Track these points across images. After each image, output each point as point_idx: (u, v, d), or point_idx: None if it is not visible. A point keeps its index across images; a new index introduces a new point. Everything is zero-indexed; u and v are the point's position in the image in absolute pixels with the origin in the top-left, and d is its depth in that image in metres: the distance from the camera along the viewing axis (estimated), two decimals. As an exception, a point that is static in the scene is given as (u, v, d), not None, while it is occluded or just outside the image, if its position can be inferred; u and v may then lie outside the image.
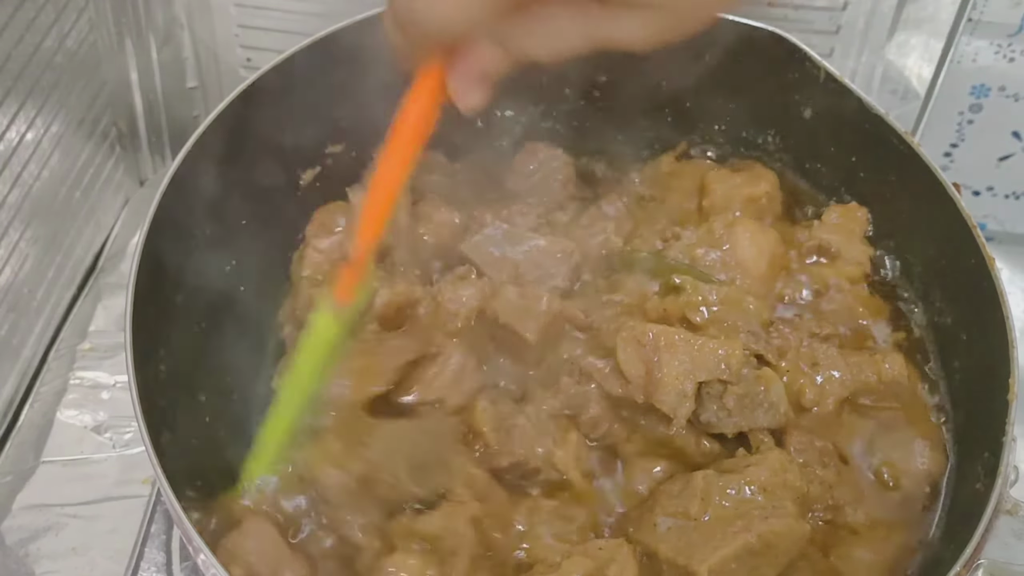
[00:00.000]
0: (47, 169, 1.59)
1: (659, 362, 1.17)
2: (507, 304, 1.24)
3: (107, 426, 1.51)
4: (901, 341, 1.36)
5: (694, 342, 1.17)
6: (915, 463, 1.22)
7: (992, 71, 1.70)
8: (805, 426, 1.23)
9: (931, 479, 1.22)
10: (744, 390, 1.17)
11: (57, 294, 1.67)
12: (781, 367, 1.24)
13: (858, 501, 1.19)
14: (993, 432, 1.13)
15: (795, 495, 1.12)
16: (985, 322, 1.22)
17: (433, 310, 1.26)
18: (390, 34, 0.92)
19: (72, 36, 1.62)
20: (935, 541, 1.17)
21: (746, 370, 1.18)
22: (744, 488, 1.11)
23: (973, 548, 1.04)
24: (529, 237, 1.35)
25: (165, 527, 1.38)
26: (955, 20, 1.63)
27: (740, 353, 1.17)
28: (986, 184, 1.86)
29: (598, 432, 1.23)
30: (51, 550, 1.38)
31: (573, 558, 1.07)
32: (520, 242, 1.35)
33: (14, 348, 1.56)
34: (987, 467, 1.12)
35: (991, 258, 1.23)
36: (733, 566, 1.05)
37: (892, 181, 1.42)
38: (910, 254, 1.41)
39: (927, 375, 1.32)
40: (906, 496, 1.21)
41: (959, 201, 1.29)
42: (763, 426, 1.20)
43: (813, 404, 1.24)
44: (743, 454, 1.18)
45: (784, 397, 1.20)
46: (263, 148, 1.38)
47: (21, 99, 1.51)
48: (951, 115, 1.77)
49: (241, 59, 1.84)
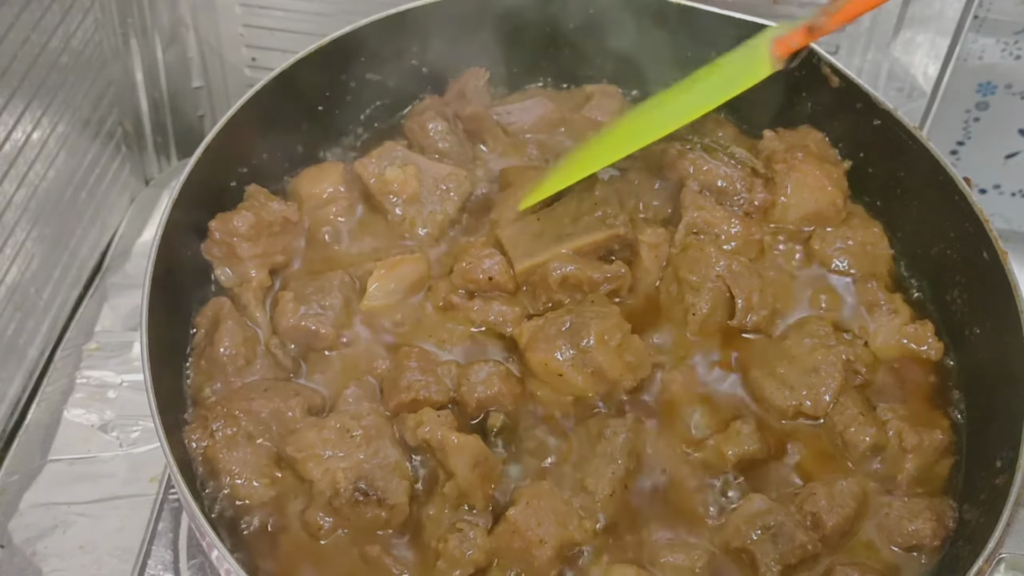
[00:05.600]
0: (53, 169, 1.59)
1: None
2: None
3: (114, 425, 1.51)
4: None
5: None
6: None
7: (999, 68, 1.70)
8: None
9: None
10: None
11: (63, 293, 1.66)
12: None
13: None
14: (1012, 427, 1.13)
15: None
16: (1000, 316, 1.21)
17: None
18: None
19: (78, 36, 1.62)
20: (956, 536, 1.17)
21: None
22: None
23: (995, 543, 1.04)
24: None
25: (172, 525, 1.38)
26: (961, 17, 1.63)
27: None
28: (993, 182, 1.86)
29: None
30: (59, 548, 1.38)
31: None
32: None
33: (21, 347, 1.56)
34: (1007, 462, 1.12)
35: (1004, 252, 1.23)
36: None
37: (901, 177, 1.41)
38: (920, 249, 1.41)
39: (943, 369, 1.32)
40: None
41: (970, 195, 1.29)
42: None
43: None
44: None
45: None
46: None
47: (27, 99, 1.51)
48: (958, 113, 1.77)
49: (246, 59, 1.84)
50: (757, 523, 1.14)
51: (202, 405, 1.21)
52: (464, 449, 1.13)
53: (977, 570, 1.03)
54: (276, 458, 1.18)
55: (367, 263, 1.34)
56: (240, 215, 1.30)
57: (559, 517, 1.11)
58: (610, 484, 1.16)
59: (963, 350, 1.32)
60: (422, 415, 1.16)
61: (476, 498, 1.15)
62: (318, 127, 1.48)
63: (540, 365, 1.23)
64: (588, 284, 1.29)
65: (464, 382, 1.22)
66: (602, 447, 1.18)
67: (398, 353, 1.26)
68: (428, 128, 1.45)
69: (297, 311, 1.27)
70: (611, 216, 1.31)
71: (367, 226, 1.40)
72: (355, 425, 1.16)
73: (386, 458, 1.15)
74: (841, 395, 1.24)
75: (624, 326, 1.24)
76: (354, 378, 1.25)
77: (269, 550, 1.14)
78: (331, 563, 1.13)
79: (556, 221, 1.33)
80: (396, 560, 1.13)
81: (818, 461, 1.22)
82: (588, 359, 1.22)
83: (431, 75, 1.53)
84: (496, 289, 1.31)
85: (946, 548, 1.16)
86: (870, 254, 1.38)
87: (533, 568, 1.10)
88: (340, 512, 1.13)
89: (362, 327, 1.30)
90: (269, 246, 1.33)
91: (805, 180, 1.39)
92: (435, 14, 1.46)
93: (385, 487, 1.13)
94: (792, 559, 1.12)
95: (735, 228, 1.35)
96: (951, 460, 1.24)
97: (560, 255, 1.29)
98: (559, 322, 1.24)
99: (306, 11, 1.75)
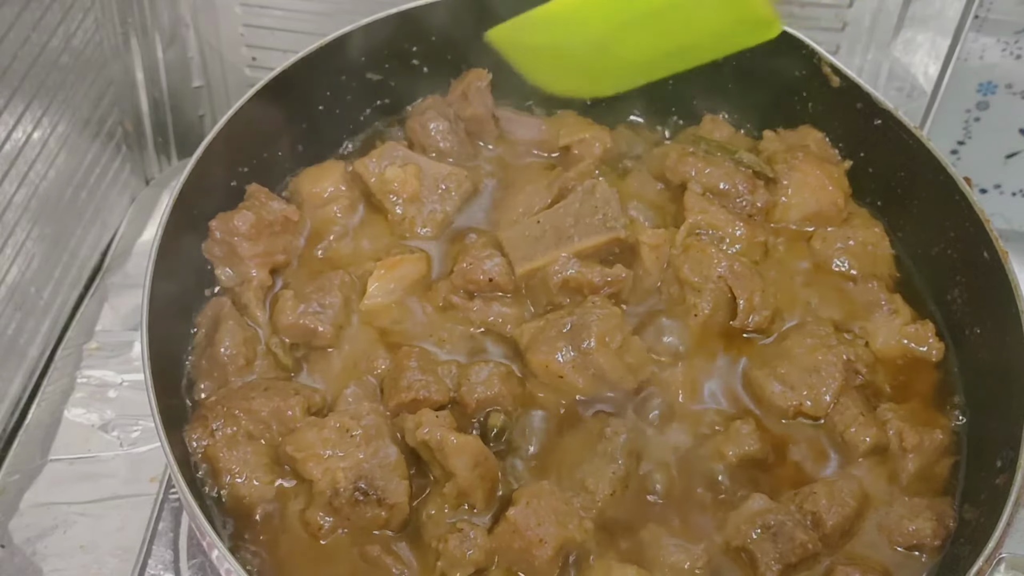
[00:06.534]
0: (53, 168, 1.59)
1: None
2: None
3: (114, 424, 1.51)
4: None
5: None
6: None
7: (999, 68, 1.70)
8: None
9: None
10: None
11: (64, 293, 1.67)
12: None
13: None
14: (1012, 427, 1.13)
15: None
16: (1000, 316, 1.21)
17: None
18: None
19: (78, 36, 1.62)
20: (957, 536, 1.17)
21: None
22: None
23: (995, 543, 1.04)
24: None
25: (173, 525, 1.38)
26: (962, 17, 1.63)
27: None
28: (993, 182, 1.85)
29: None
30: (59, 548, 1.38)
31: None
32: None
33: (21, 347, 1.56)
34: (1007, 462, 1.12)
35: (1004, 252, 1.23)
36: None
37: (901, 177, 1.41)
38: (921, 249, 1.41)
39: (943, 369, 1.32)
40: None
41: (970, 195, 1.29)
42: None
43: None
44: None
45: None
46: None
47: (27, 99, 1.51)
48: (958, 112, 1.77)
49: (246, 58, 1.84)
50: (757, 522, 1.14)
51: (202, 405, 1.21)
52: (464, 449, 1.13)
53: (977, 570, 1.03)
54: (276, 457, 1.18)
55: (367, 263, 1.34)
56: (241, 215, 1.30)
57: (559, 517, 1.11)
58: (610, 484, 1.16)
59: (963, 350, 1.31)
60: (421, 416, 1.15)
61: (476, 498, 1.15)
62: (318, 127, 1.48)
63: (541, 367, 1.23)
64: (588, 287, 1.29)
65: (464, 382, 1.22)
66: (602, 447, 1.18)
67: (398, 353, 1.26)
68: (429, 128, 1.45)
69: (296, 309, 1.27)
70: (612, 219, 1.31)
71: (368, 226, 1.40)
72: (355, 425, 1.16)
73: (386, 458, 1.15)
74: (842, 395, 1.24)
75: (625, 327, 1.24)
76: (354, 378, 1.25)
77: (269, 549, 1.14)
78: (331, 563, 1.13)
79: (556, 223, 1.32)
80: (396, 560, 1.13)
81: (819, 461, 1.23)
82: (589, 361, 1.22)
83: (431, 75, 1.53)
84: (497, 290, 1.31)
85: (946, 548, 1.15)
86: (871, 254, 1.38)
87: (533, 568, 1.10)
88: (340, 512, 1.13)
89: (362, 326, 1.30)
90: (270, 246, 1.33)
91: (806, 180, 1.39)
92: (435, 14, 1.46)
93: (385, 487, 1.13)
94: (792, 558, 1.12)
95: (739, 231, 1.35)
96: (951, 460, 1.24)
97: (560, 258, 1.29)
98: (560, 323, 1.24)
99: (306, 11, 1.75)
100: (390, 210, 1.38)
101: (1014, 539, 1.06)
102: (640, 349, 1.25)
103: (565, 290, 1.29)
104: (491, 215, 1.40)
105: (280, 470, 1.18)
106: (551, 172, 1.44)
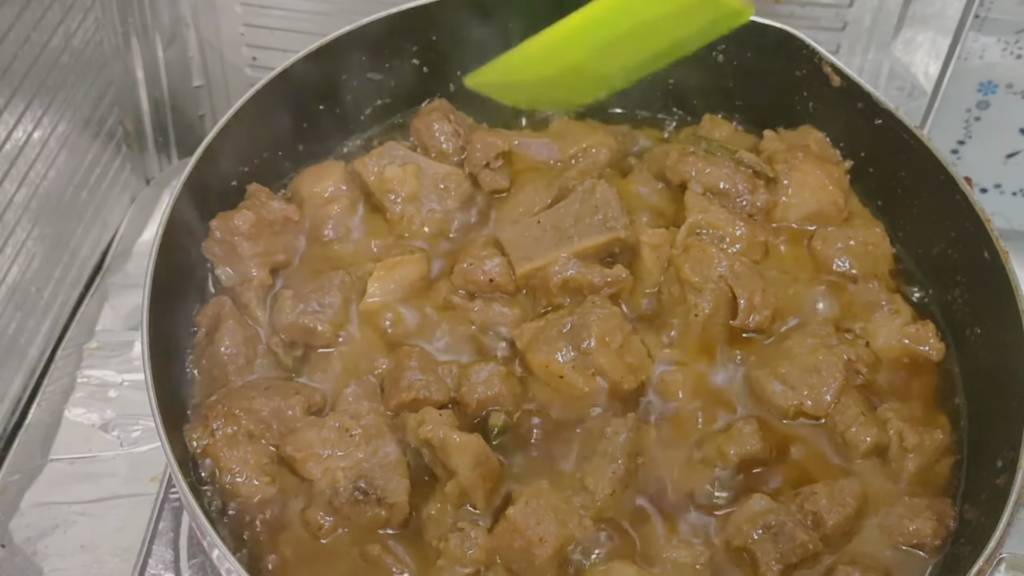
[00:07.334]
0: (54, 168, 1.59)
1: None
2: None
3: (115, 424, 1.51)
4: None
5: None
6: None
7: (1000, 68, 1.70)
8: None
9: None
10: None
11: (64, 293, 1.67)
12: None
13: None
14: (1013, 427, 1.13)
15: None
16: (1000, 316, 1.21)
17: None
18: None
19: (78, 35, 1.62)
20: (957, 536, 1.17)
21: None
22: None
23: (995, 542, 1.03)
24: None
25: (173, 524, 1.38)
26: (962, 16, 1.63)
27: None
28: (994, 181, 1.85)
29: None
30: (59, 548, 1.38)
31: None
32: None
33: (21, 347, 1.56)
34: (1007, 461, 1.12)
35: (1005, 252, 1.23)
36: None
37: (902, 176, 1.41)
38: (921, 249, 1.41)
39: (944, 369, 1.32)
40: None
41: (971, 195, 1.29)
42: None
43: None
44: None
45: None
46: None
47: (28, 99, 1.51)
48: (958, 112, 1.77)
49: (247, 58, 1.84)
50: (758, 522, 1.14)
51: (203, 404, 1.21)
52: (466, 448, 1.13)
53: (977, 570, 1.03)
54: (276, 457, 1.18)
55: (367, 263, 1.34)
56: (241, 214, 1.30)
57: (559, 516, 1.11)
58: (610, 483, 1.16)
59: (964, 350, 1.31)
60: (424, 414, 1.16)
61: (477, 497, 1.15)
62: (319, 126, 1.48)
63: (541, 367, 1.23)
64: (588, 288, 1.29)
65: (465, 382, 1.22)
66: (603, 447, 1.18)
67: (398, 352, 1.26)
68: (433, 128, 1.45)
69: (295, 308, 1.27)
70: (612, 219, 1.31)
71: (368, 225, 1.40)
72: (354, 424, 1.16)
73: (386, 457, 1.15)
74: (842, 395, 1.24)
75: (625, 327, 1.24)
76: (354, 377, 1.25)
77: (269, 549, 1.14)
78: (331, 562, 1.13)
79: (557, 223, 1.32)
80: (396, 559, 1.13)
81: (819, 461, 1.23)
82: (589, 361, 1.22)
83: (431, 75, 1.53)
84: (497, 290, 1.31)
85: (947, 548, 1.15)
86: (872, 254, 1.38)
87: (533, 567, 1.10)
88: (340, 511, 1.13)
89: (362, 326, 1.30)
90: (270, 245, 1.33)
91: (806, 180, 1.39)
92: (435, 14, 1.46)
93: (385, 486, 1.13)
94: (793, 558, 1.12)
95: (740, 231, 1.35)
96: (952, 460, 1.24)
97: (560, 259, 1.29)
98: (560, 323, 1.24)
99: (306, 11, 1.75)
100: (389, 209, 1.38)
101: (1014, 539, 1.06)
102: (640, 349, 1.25)
103: (565, 290, 1.29)
104: (491, 215, 1.40)
105: (281, 469, 1.18)
106: (551, 172, 1.45)
